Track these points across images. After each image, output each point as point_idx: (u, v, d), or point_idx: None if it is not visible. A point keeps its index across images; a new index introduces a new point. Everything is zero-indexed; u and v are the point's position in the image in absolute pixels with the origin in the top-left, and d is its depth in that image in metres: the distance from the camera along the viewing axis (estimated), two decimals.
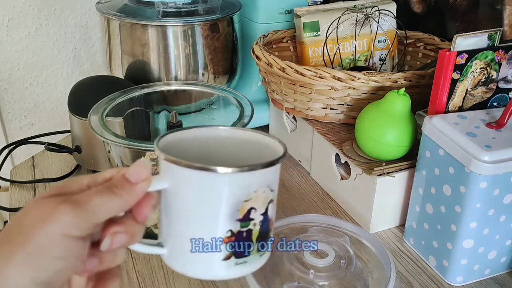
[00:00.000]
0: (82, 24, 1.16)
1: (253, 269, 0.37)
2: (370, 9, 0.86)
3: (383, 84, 0.72)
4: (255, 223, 0.35)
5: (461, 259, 0.60)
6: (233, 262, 0.36)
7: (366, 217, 0.70)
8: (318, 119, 0.80)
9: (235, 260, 0.36)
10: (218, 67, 0.90)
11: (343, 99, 0.76)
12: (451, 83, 0.62)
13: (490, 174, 0.54)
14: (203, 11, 0.84)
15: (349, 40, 0.88)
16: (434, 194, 0.61)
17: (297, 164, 0.88)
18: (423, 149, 0.62)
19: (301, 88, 0.76)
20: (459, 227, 0.58)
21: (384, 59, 0.91)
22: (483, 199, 0.56)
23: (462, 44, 0.60)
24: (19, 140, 0.92)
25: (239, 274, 0.37)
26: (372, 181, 0.67)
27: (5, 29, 1.08)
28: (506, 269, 0.64)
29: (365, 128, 0.68)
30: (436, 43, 0.89)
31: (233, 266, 0.36)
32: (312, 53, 0.88)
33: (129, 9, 0.85)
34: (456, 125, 0.58)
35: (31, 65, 1.13)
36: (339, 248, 0.63)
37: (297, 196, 0.79)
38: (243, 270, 0.36)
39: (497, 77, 0.64)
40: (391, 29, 0.89)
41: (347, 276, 0.60)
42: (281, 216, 0.74)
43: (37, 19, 1.10)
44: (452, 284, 0.62)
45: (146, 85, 0.75)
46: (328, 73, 0.72)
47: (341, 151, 0.73)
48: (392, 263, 0.59)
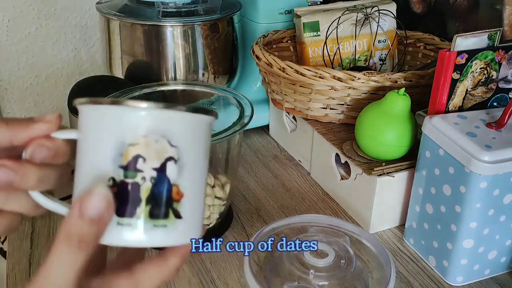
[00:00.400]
0: (82, 24, 1.16)
1: (138, 241, 0.31)
2: (370, 9, 0.86)
3: (383, 84, 0.72)
4: (144, 177, 0.30)
5: (461, 259, 0.60)
6: (115, 221, 0.30)
7: (366, 217, 0.70)
8: (318, 119, 0.80)
9: (117, 219, 0.30)
10: (218, 67, 0.90)
11: (343, 99, 0.76)
12: (451, 83, 0.62)
13: (490, 174, 0.54)
14: (203, 11, 0.84)
15: (349, 40, 0.88)
16: (434, 194, 0.61)
17: (297, 164, 0.88)
18: (423, 149, 0.62)
19: (301, 88, 0.76)
20: (459, 227, 0.58)
21: (384, 59, 0.91)
22: (483, 199, 0.56)
23: (462, 44, 0.60)
24: None
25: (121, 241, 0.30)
26: (372, 181, 0.67)
27: (5, 29, 1.08)
28: (506, 269, 0.64)
29: (365, 128, 0.68)
30: (436, 43, 0.89)
31: (115, 226, 0.30)
32: (312, 53, 0.88)
33: (129, 9, 0.85)
34: (456, 125, 0.58)
35: (31, 65, 1.13)
36: (339, 248, 0.63)
37: (297, 196, 0.79)
38: (127, 235, 0.30)
39: (497, 77, 0.64)
40: (391, 29, 0.89)
41: (347, 276, 0.60)
42: (281, 216, 0.74)
43: (37, 19, 1.10)
44: (452, 284, 0.62)
45: (146, 85, 0.75)
46: (328, 73, 0.72)
47: (341, 151, 0.73)
48: (392, 263, 0.59)
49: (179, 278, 0.62)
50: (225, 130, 0.61)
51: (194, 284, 0.61)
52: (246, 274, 0.59)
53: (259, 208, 0.76)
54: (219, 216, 0.69)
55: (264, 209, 0.76)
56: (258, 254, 0.64)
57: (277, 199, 0.78)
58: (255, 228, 0.71)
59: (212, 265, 0.64)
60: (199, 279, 0.62)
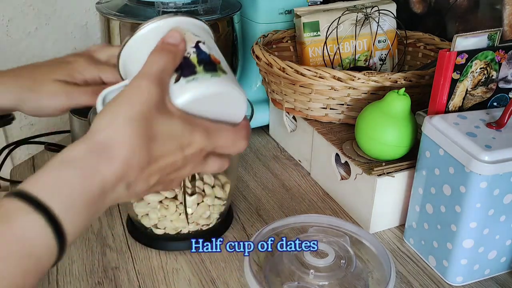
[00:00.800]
0: (82, 24, 1.16)
1: (207, 87, 0.41)
2: (370, 9, 0.86)
3: (383, 84, 0.72)
4: (188, 52, 0.42)
5: (461, 259, 0.60)
6: (184, 81, 0.41)
7: (366, 217, 0.70)
8: (318, 119, 0.80)
9: (185, 80, 0.41)
10: None
11: (343, 99, 0.76)
12: (451, 83, 0.62)
13: (490, 174, 0.54)
14: (203, 11, 0.84)
15: (349, 40, 0.88)
16: (434, 194, 0.61)
17: (297, 164, 0.88)
18: (423, 149, 0.62)
19: (301, 88, 0.76)
20: (459, 227, 0.58)
21: (384, 59, 0.91)
22: (483, 199, 0.56)
23: (462, 44, 0.60)
24: (19, 140, 0.92)
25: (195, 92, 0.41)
26: (372, 181, 0.67)
27: (5, 29, 1.08)
28: (506, 269, 0.64)
29: (365, 128, 0.68)
30: (436, 43, 0.89)
31: (185, 84, 0.41)
32: (312, 53, 0.88)
33: (129, 9, 0.85)
34: (456, 125, 0.58)
35: None
36: (339, 248, 0.63)
37: (297, 196, 0.79)
38: (196, 86, 0.41)
39: (497, 77, 0.64)
40: (391, 29, 0.89)
41: (347, 276, 0.60)
42: (281, 216, 0.74)
43: (37, 19, 1.10)
44: (452, 284, 0.62)
45: None
46: (328, 73, 0.72)
47: (341, 151, 0.73)
48: (392, 263, 0.59)
49: (179, 278, 0.62)
50: None
51: (194, 284, 0.62)
52: (246, 274, 0.59)
53: (259, 208, 0.76)
54: (219, 216, 0.69)
55: (264, 209, 0.76)
56: (258, 254, 0.64)
57: (277, 199, 0.78)
58: (255, 228, 0.71)
59: (212, 265, 0.64)
60: (199, 279, 0.62)
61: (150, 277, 0.62)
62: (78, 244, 0.67)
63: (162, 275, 0.63)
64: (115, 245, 0.68)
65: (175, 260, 0.65)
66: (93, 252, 0.66)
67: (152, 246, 0.67)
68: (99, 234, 0.70)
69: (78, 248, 0.67)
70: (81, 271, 0.63)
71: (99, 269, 0.64)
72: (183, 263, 0.65)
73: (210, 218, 0.67)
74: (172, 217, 0.65)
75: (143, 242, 0.68)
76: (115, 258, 0.65)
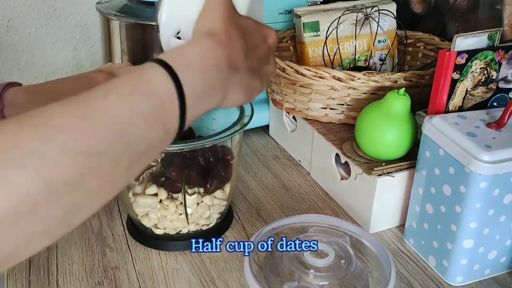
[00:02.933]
0: (82, 24, 1.16)
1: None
2: (370, 9, 0.86)
3: (383, 84, 0.72)
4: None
5: (461, 259, 0.60)
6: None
7: (366, 217, 0.70)
8: (318, 119, 0.80)
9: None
10: None
11: (343, 99, 0.76)
12: (451, 83, 0.62)
13: (490, 174, 0.54)
14: None
15: (349, 40, 0.88)
16: (434, 194, 0.61)
17: (297, 164, 0.88)
18: (423, 149, 0.62)
19: (301, 88, 0.76)
20: (459, 227, 0.58)
21: (384, 59, 0.91)
22: (483, 199, 0.56)
23: (462, 44, 0.60)
24: None
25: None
26: (372, 181, 0.67)
27: (5, 29, 1.08)
28: (506, 269, 0.64)
29: (365, 128, 0.68)
30: (436, 43, 0.89)
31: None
32: (312, 53, 0.88)
33: (129, 9, 0.85)
34: (456, 125, 0.58)
35: (31, 65, 1.13)
36: (339, 248, 0.63)
37: (297, 196, 0.79)
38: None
39: (497, 77, 0.64)
40: (391, 29, 0.89)
41: (347, 276, 0.60)
42: (281, 216, 0.74)
43: (37, 19, 1.10)
44: (452, 284, 0.62)
45: None
46: (328, 73, 0.72)
47: (341, 151, 0.73)
48: (392, 263, 0.59)
49: (179, 278, 0.62)
50: (225, 130, 0.61)
51: (194, 284, 0.62)
52: (246, 274, 0.59)
53: (259, 208, 0.76)
54: (219, 216, 0.69)
55: (264, 209, 0.76)
56: (258, 254, 0.64)
57: (277, 199, 0.78)
58: (255, 228, 0.71)
59: (212, 265, 0.64)
60: (199, 279, 0.62)
61: (150, 277, 0.62)
62: (78, 244, 0.67)
63: (162, 275, 0.63)
64: (115, 245, 0.68)
65: (175, 260, 0.65)
66: (93, 252, 0.66)
67: (152, 246, 0.67)
68: (99, 234, 0.70)
69: (78, 248, 0.67)
70: (81, 271, 0.63)
71: (99, 269, 0.64)
72: (183, 263, 0.65)
73: (210, 218, 0.67)
74: (172, 217, 0.65)
75: (143, 242, 0.68)
76: (115, 258, 0.65)
